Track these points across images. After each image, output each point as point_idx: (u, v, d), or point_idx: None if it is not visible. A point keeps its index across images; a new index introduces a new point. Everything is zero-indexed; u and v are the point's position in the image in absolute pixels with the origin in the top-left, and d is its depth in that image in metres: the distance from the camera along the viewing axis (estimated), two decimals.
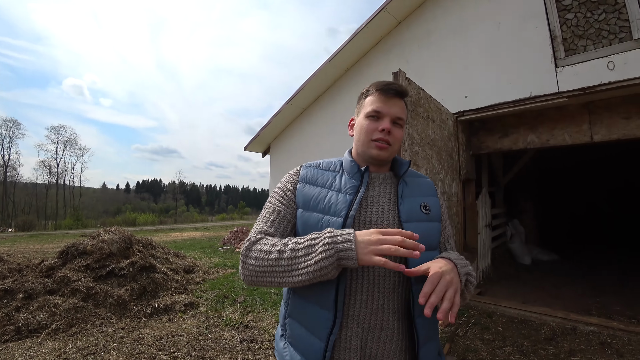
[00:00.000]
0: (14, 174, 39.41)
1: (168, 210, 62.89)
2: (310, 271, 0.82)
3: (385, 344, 0.90)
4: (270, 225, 1.00)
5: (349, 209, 0.94)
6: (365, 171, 1.02)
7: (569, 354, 2.88)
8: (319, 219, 0.96)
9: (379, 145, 0.99)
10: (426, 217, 1.00)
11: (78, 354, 2.94)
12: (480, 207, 5.20)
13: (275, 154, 7.95)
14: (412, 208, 0.99)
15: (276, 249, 0.88)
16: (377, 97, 1.01)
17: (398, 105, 1.01)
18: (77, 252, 4.52)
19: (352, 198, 0.96)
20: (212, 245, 10.45)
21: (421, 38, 5.05)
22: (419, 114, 3.40)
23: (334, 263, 0.80)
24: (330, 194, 1.00)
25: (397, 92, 1.01)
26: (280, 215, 1.02)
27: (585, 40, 3.58)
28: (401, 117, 1.01)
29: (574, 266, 6.33)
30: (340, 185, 1.01)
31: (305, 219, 0.99)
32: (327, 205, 0.97)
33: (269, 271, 0.87)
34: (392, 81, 1.02)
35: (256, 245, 0.93)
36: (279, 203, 1.04)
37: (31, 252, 8.94)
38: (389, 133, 0.98)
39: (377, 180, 1.05)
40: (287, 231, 1.02)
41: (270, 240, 0.92)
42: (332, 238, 0.82)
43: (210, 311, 4.07)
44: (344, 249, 0.79)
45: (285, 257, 0.86)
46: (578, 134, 3.93)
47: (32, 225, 24.81)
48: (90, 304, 3.79)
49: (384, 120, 0.99)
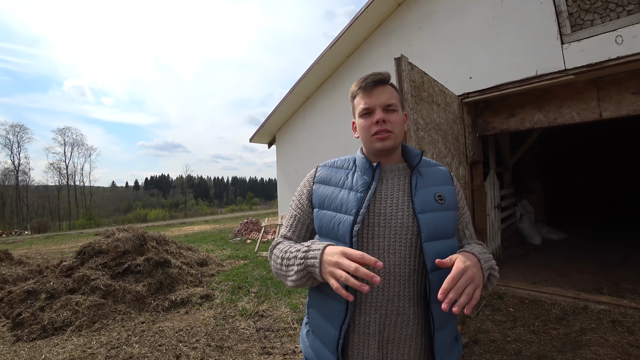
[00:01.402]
0: (26, 177, 40.08)
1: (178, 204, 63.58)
2: (294, 279, 0.95)
3: (402, 328, 0.95)
4: (289, 229, 1.14)
5: (359, 206, 0.97)
6: (377, 167, 1.03)
7: (580, 333, 2.91)
8: (332, 217, 1.01)
9: (379, 137, 1.01)
10: (441, 206, 1.01)
11: (102, 348, 3.07)
12: (488, 188, 5.18)
13: (280, 144, 7.98)
14: (426, 198, 1.01)
15: (281, 255, 1.01)
16: (362, 94, 1.04)
17: (383, 92, 1.02)
18: (94, 252, 4.65)
19: (363, 195, 0.99)
20: (224, 238, 10.61)
21: (422, 20, 4.97)
22: (423, 99, 3.37)
23: (306, 275, 0.92)
24: (343, 192, 1.03)
25: (377, 82, 1.02)
26: (297, 219, 1.14)
27: (592, 15, 3.49)
28: (391, 103, 1.02)
29: (584, 245, 6.30)
30: (352, 183, 1.04)
31: (320, 218, 1.05)
32: (339, 203, 1.01)
33: (278, 273, 1.04)
34: (371, 73, 1.04)
35: (275, 249, 1.09)
36: (296, 208, 1.15)
37: (49, 253, 9.19)
38: (384, 122, 1.00)
39: (390, 172, 1.06)
40: (303, 233, 1.13)
41: (283, 246, 1.05)
42: (305, 253, 0.91)
43: (225, 302, 4.18)
44: (311, 264, 0.88)
45: (284, 263, 0.99)
46: (586, 112, 3.86)
47: (47, 227, 25.32)
48: (110, 301, 3.92)
49: (376, 112, 1.01)
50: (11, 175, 38.57)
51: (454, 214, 1.05)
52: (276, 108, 7.21)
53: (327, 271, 0.83)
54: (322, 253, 0.87)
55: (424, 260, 0.95)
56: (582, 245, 6.27)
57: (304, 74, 6.34)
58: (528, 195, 7.80)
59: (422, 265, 0.96)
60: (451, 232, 1.03)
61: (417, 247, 0.96)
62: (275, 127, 7.84)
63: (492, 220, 5.31)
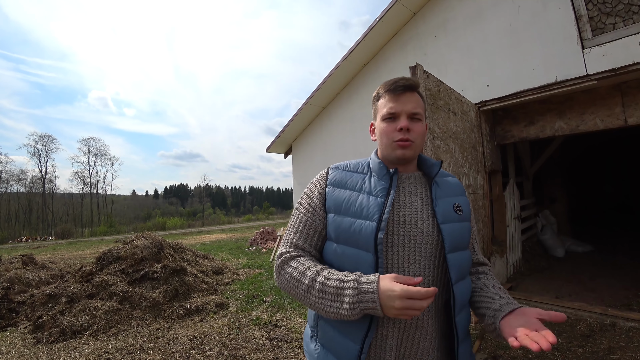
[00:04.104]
0: (52, 185, 41.76)
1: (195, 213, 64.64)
2: (336, 314, 0.86)
3: (420, 342, 0.92)
4: (299, 236, 1.04)
5: (381, 212, 0.93)
6: (394, 173, 1.00)
7: (608, 351, 2.74)
8: (351, 223, 0.95)
9: (401, 144, 0.97)
10: (459, 217, 0.99)
11: (117, 353, 3.10)
12: (508, 198, 5.04)
13: (297, 154, 8.02)
14: (447, 209, 0.98)
15: (306, 280, 0.91)
16: (389, 97, 1.00)
17: (411, 100, 0.99)
18: (113, 258, 4.75)
19: (384, 200, 0.95)
20: (240, 247, 10.67)
21: (438, 28, 4.94)
22: (439, 107, 3.33)
23: (358, 314, 0.84)
24: (362, 197, 0.98)
25: (406, 87, 0.98)
26: (307, 224, 1.04)
27: (614, 18, 3.39)
28: (417, 112, 0.98)
29: (611, 257, 5.99)
30: (370, 187, 1.00)
31: (337, 224, 0.98)
32: (359, 209, 0.96)
33: (300, 297, 0.93)
34: (400, 77, 1.00)
35: (288, 266, 0.98)
36: (305, 211, 1.05)
37: (71, 259, 9.46)
38: (408, 130, 0.96)
39: (407, 180, 1.03)
40: (315, 240, 1.04)
41: (302, 265, 0.96)
42: (357, 297, 0.82)
43: (240, 311, 4.18)
44: (369, 307, 0.81)
45: (314, 293, 0.89)
46: (610, 118, 3.72)
47: (71, 233, 26.18)
48: (127, 307, 3.98)
49: (400, 119, 0.97)
50: (38, 183, 40.26)
51: (468, 225, 1.04)
52: (292, 118, 7.27)
53: (394, 314, 0.79)
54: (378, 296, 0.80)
55: (445, 271, 0.93)
56: (610, 258, 5.96)
57: (320, 84, 6.39)
58: (550, 205, 7.54)
59: (442, 276, 0.94)
60: (467, 244, 1.02)
61: (438, 257, 0.94)
62: (292, 137, 7.90)
63: (512, 231, 5.14)
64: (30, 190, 39.94)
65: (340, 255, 0.97)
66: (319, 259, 1.06)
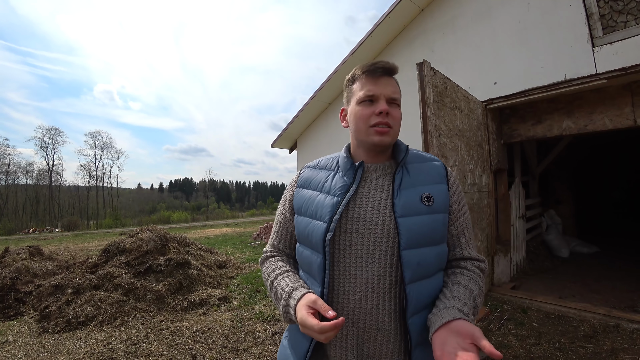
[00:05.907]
0: (58, 178, 42.18)
1: (200, 207, 65.05)
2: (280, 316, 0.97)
3: (382, 344, 0.87)
4: (276, 237, 1.12)
5: (333, 212, 0.90)
6: (359, 167, 0.95)
7: (611, 352, 2.72)
8: (307, 223, 0.95)
9: (380, 130, 0.90)
10: (427, 209, 0.89)
11: (122, 344, 3.14)
12: (513, 197, 5.01)
13: (302, 150, 8.02)
14: (409, 200, 0.89)
15: (268, 281, 1.01)
16: (366, 79, 0.94)
17: (390, 84, 0.93)
18: (118, 250, 4.80)
19: (340, 200, 0.91)
20: (243, 241, 10.72)
21: (445, 25, 4.90)
22: (446, 104, 3.31)
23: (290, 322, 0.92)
24: (320, 197, 0.96)
25: (385, 70, 0.93)
26: (281, 226, 1.10)
27: (625, 16, 3.33)
28: (396, 97, 0.94)
29: (616, 259, 5.94)
30: (330, 186, 0.97)
31: (297, 224, 1.00)
32: (315, 209, 0.95)
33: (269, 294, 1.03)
34: (380, 60, 0.94)
35: (263, 265, 1.09)
36: (280, 214, 1.11)
37: (77, 251, 9.58)
38: (387, 115, 0.91)
39: (374, 172, 0.97)
40: (289, 240, 1.10)
41: (271, 266, 1.04)
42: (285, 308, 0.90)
43: (243, 305, 4.21)
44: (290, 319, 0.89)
45: (271, 294, 0.99)
46: (620, 118, 3.68)
47: (77, 225, 26.51)
48: (132, 299, 4.03)
49: (379, 102, 0.91)
50: (45, 175, 40.76)
51: (444, 217, 0.92)
52: (298, 114, 7.26)
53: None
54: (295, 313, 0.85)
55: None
56: (615, 259, 5.90)
57: (326, 80, 6.37)
58: (557, 205, 7.47)
59: (402, 277, 0.85)
60: (439, 238, 0.91)
61: (397, 255, 0.86)
62: (297, 132, 7.90)
63: (517, 230, 5.12)
64: (38, 183, 40.44)
65: (301, 255, 1.00)
66: (294, 258, 1.10)
